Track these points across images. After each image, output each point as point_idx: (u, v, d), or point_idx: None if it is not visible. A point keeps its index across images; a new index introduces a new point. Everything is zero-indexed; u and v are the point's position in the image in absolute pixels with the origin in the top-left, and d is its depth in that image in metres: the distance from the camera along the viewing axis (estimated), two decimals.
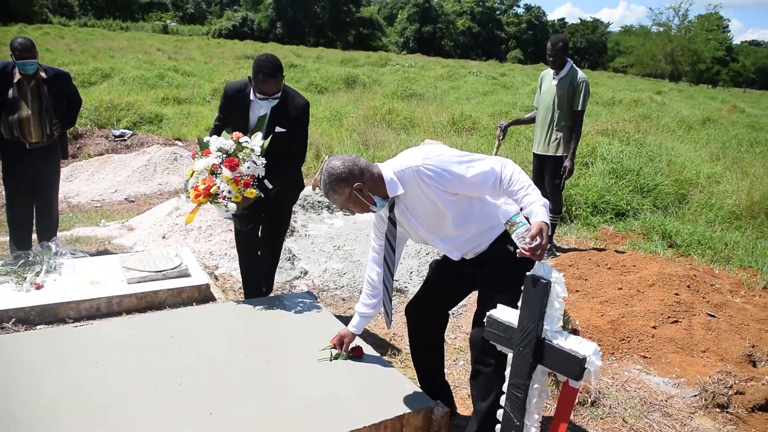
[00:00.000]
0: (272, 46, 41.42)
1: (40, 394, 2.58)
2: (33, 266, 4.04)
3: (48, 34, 34.31)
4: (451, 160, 2.51)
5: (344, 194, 2.56)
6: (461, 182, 2.49)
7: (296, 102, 3.64)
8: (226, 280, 4.70)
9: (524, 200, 2.38)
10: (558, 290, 2.11)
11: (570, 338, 2.15)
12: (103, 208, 7.11)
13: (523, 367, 2.23)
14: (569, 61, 5.58)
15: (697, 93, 32.79)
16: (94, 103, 11.26)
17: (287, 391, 2.72)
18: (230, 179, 3.28)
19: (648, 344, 4.04)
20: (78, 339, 3.11)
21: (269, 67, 3.44)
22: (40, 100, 4.51)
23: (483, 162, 2.50)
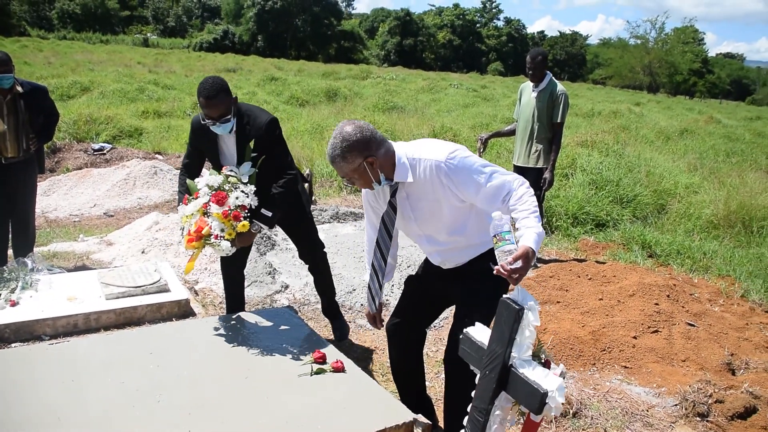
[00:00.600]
0: (253, 59, 41.45)
1: (14, 414, 2.53)
2: (8, 283, 3.98)
3: (26, 47, 34.05)
4: (474, 166, 2.43)
5: (353, 164, 2.45)
6: (476, 191, 2.43)
7: (258, 121, 3.40)
8: (206, 295, 4.66)
9: (523, 222, 2.31)
10: (530, 318, 2.04)
11: (537, 369, 2.06)
12: (81, 223, 7.03)
13: (486, 391, 2.16)
14: (548, 74, 5.64)
15: (674, 104, 33.24)
16: (73, 117, 11.17)
17: (267, 407, 2.69)
18: (220, 215, 3.07)
19: (629, 354, 4.06)
20: (54, 357, 3.06)
21: (207, 89, 3.19)
22: (16, 114, 4.47)
23: (503, 176, 2.42)
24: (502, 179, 2.40)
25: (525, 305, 2.03)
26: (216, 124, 3.27)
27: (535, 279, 5.33)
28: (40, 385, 2.78)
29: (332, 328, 4.17)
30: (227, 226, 3.07)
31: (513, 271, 2.12)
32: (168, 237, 5.69)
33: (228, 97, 3.24)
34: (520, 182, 2.41)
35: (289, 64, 37.79)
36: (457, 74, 46.29)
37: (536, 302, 2.05)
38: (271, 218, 3.37)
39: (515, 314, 2.01)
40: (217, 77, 3.28)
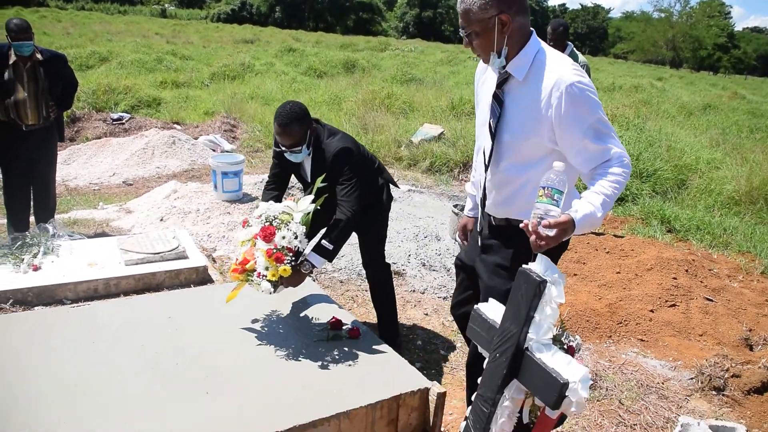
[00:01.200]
0: (271, 31, 41.23)
1: (37, 374, 2.58)
2: (30, 248, 4.03)
3: (45, 17, 34.10)
4: (594, 113, 2.08)
5: (485, 13, 2.09)
6: (577, 139, 2.08)
7: (328, 151, 3.15)
8: (224, 263, 4.70)
9: (590, 196, 2.00)
10: (554, 293, 1.77)
11: (558, 355, 1.78)
12: (101, 191, 7.10)
13: (494, 378, 1.87)
14: (570, 45, 5.55)
15: (698, 79, 32.68)
16: (92, 87, 11.21)
17: (284, 372, 2.72)
18: (264, 252, 2.79)
19: (645, 327, 4.05)
20: (75, 320, 3.10)
21: (281, 117, 3.02)
22: (36, 82, 4.49)
23: (613, 144, 2.09)
24: (610, 147, 2.08)
25: (548, 278, 1.77)
26: (289, 152, 3.14)
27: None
28: (62, 346, 2.82)
29: None
30: (271, 265, 2.79)
31: (541, 237, 1.85)
32: (186, 205, 5.73)
33: (301, 128, 3.05)
34: (622, 161, 2.07)
35: (307, 36, 37.54)
36: None
37: (562, 276, 1.80)
38: (332, 252, 3.07)
39: (536, 288, 1.76)
40: (296, 105, 3.07)
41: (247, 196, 6.06)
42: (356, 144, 3.30)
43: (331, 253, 3.05)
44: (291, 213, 2.91)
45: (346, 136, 3.25)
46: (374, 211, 3.52)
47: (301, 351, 2.91)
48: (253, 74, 15.95)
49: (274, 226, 2.83)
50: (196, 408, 2.42)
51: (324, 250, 3.02)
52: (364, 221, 3.42)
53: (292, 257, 2.82)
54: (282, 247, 2.80)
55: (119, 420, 2.31)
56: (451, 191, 7.66)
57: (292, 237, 2.81)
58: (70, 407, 2.38)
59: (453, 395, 3.28)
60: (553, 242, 1.86)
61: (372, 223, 3.54)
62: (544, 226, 1.84)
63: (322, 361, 2.82)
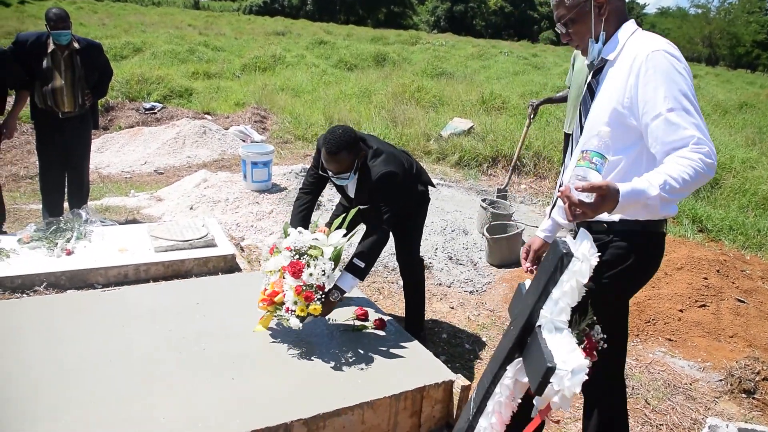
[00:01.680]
0: (302, 23, 41.34)
1: (67, 355, 2.64)
2: (64, 233, 4.11)
3: (81, 8, 34.59)
4: (678, 85, 1.84)
5: None
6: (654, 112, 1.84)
7: (372, 173, 3.05)
8: (252, 251, 4.74)
9: (652, 173, 1.74)
10: (579, 269, 1.61)
11: (565, 339, 1.63)
12: (132, 179, 7.20)
13: (501, 351, 1.79)
14: None
15: (734, 77, 31.99)
16: (126, 77, 11.37)
17: (309, 360, 2.74)
18: (293, 288, 2.74)
19: (674, 327, 4.00)
20: (106, 303, 3.16)
21: (330, 144, 2.93)
22: (73, 70, 4.56)
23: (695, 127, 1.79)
24: (690, 130, 1.79)
25: (577, 254, 1.63)
26: (334, 176, 3.08)
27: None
28: (93, 328, 2.88)
29: None
30: (300, 300, 2.74)
31: (574, 202, 1.65)
32: (216, 194, 5.79)
33: (350, 156, 2.97)
34: (701, 148, 1.76)
35: (338, 29, 37.57)
36: (508, 42, 45.37)
37: (596, 254, 1.67)
38: (364, 270, 3.00)
39: (558, 259, 1.62)
40: (346, 132, 2.98)
41: (276, 186, 6.10)
42: (399, 162, 3.19)
43: (363, 272, 3.00)
44: (320, 247, 2.84)
45: (390, 156, 3.13)
46: (412, 216, 3.52)
47: (326, 340, 2.93)
48: (283, 66, 16.02)
49: (303, 262, 2.77)
50: (221, 392, 2.45)
51: (356, 268, 2.97)
52: (401, 225, 3.41)
53: (322, 294, 2.78)
54: (311, 285, 2.75)
55: (146, 400, 2.36)
56: (480, 186, 7.62)
57: (320, 274, 2.76)
58: (100, 386, 2.43)
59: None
60: (591, 212, 1.63)
61: (409, 226, 3.53)
62: (577, 187, 1.63)
63: (347, 351, 2.84)
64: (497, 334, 3.94)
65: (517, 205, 6.70)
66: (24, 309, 3.06)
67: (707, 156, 1.75)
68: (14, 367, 2.52)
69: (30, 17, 23.53)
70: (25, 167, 7.17)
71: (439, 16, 69.50)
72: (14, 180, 6.76)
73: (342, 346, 2.88)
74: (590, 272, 1.63)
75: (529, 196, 7.39)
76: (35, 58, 4.43)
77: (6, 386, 2.39)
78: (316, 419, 2.36)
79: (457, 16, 68.69)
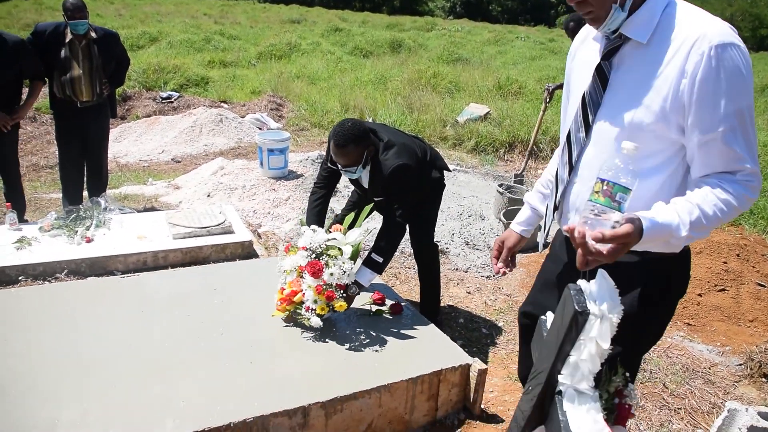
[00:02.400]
0: (318, 11, 41.21)
1: (88, 340, 2.68)
2: (84, 221, 4.17)
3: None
4: (748, 94, 1.47)
5: None
6: (713, 127, 1.45)
7: (385, 167, 3.03)
8: (269, 238, 4.77)
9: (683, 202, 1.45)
10: (599, 332, 1.36)
11: (591, 413, 1.40)
12: (150, 168, 7.26)
13: (520, 416, 1.58)
14: None
15: (757, 60, 31.31)
16: (143, 66, 11.42)
17: (327, 345, 2.76)
18: (314, 288, 2.77)
19: (693, 311, 3.97)
20: (125, 290, 3.20)
21: (338, 136, 2.92)
22: (90, 59, 4.59)
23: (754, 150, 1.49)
24: (743, 156, 1.46)
25: (593, 309, 1.37)
26: (342, 170, 3.09)
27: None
28: (113, 314, 2.92)
29: None
30: (321, 300, 2.76)
31: (591, 251, 1.34)
32: (232, 181, 5.82)
33: (357, 149, 2.96)
34: (750, 183, 1.48)
35: (353, 16, 37.41)
36: (524, 27, 44.91)
37: (619, 306, 1.38)
38: (382, 264, 3.02)
39: (572, 318, 1.37)
40: (355, 125, 2.97)
41: (292, 173, 6.11)
42: (412, 152, 3.16)
43: (381, 266, 3.01)
44: (339, 246, 2.85)
45: (401, 147, 3.10)
46: (428, 202, 3.51)
47: (343, 325, 2.95)
48: (299, 54, 16.01)
49: (322, 262, 2.78)
50: (239, 376, 2.47)
51: (375, 263, 2.99)
52: (416, 211, 3.40)
53: (342, 293, 2.82)
54: (332, 285, 2.77)
55: (165, 384, 2.39)
56: (496, 171, 7.59)
57: (341, 273, 2.78)
58: (120, 371, 2.46)
59: (494, 373, 3.28)
60: (607, 260, 1.34)
61: (424, 213, 3.52)
62: (594, 239, 1.32)
63: (364, 336, 2.85)
64: (513, 319, 3.94)
65: None
66: (46, 295, 3.11)
67: (752, 192, 1.48)
68: (37, 352, 2.57)
69: (47, 9, 23.66)
70: (45, 157, 7.25)
71: (454, 2, 68.96)
72: (35, 170, 6.85)
73: (359, 331, 2.90)
74: (613, 331, 1.37)
75: None
76: (53, 48, 4.47)
77: (29, 372, 2.43)
78: (333, 402, 2.38)
79: (473, 2, 68.10)
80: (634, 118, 1.55)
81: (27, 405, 2.23)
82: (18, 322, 2.80)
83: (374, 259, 2.98)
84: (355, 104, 9.85)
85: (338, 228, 2.99)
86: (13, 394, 2.29)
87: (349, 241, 2.89)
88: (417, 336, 2.90)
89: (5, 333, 2.70)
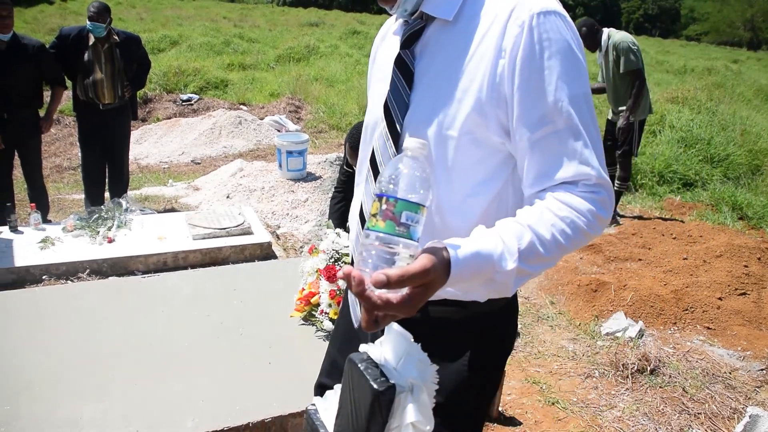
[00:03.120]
0: (336, 14, 41.35)
1: (110, 338, 2.72)
2: (105, 221, 4.22)
3: (120, 4, 35.03)
4: (585, 76, 1.10)
5: None
6: (543, 118, 1.06)
7: None
8: (288, 239, 4.80)
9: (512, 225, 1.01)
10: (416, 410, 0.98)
11: None
12: (170, 169, 7.33)
13: None
14: (603, 33, 5.38)
15: None
16: (163, 69, 11.54)
17: None
18: (328, 292, 2.77)
19: (713, 315, 3.93)
20: (146, 289, 3.25)
21: (353, 139, 2.90)
22: (112, 62, 4.66)
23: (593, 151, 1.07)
24: (589, 159, 1.07)
25: (400, 381, 0.99)
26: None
27: (617, 236, 5.21)
28: (133, 314, 2.96)
29: None
30: (334, 304, 2.76)
31: (375, 303, 0.89)
32: (251, 183, 5.86)
33: None
34: (599, 196, 1.07)
35: (371, 18, 37.48)
36: None
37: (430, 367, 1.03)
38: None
39: (372, 400, 0.98)
40: None
41: (311, 175, 6.14)
42: None
43: None
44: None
45: None
46: None
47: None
48: (317, 56, 16.07)
49: (337, 267, 2.80)
50: (258, 376, 2.50)
51: None
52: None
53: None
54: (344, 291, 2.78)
55: (185, 382, 2.42)
56: None
57: None
58: (141, 368, 2.50)
59: (511, 376, 3.28)
60: (404, 313, 0.91)
61: None
62: (376, 284, 0.86)
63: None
64: (532, 322, 3.94)
65: None
66: (69, 295, 3.16)
67: (602, 208, 1.08)
68: (61, 350, 2.61)
69: (71, 13, 24.01)
70: (68, 159, 7.36)
71: None
72: (58, 171, 6.95)
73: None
74: (432, 403, 1.02)
75: None
76: (77, 51, 4.55)
77: (54, 368, 2.47)
78: None
79: None
80: (445, 117, 1.12)
81: (51, 400, 2.27)
82: (42, 321, 2.85)
83: None
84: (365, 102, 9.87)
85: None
86: (38, 390, 2.33)
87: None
88: None
89: (30, 330, 2.75)
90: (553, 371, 3.39)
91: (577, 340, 3.73)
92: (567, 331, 3.85)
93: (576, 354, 3.57)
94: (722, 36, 56.25)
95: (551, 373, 3.36)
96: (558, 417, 2.96)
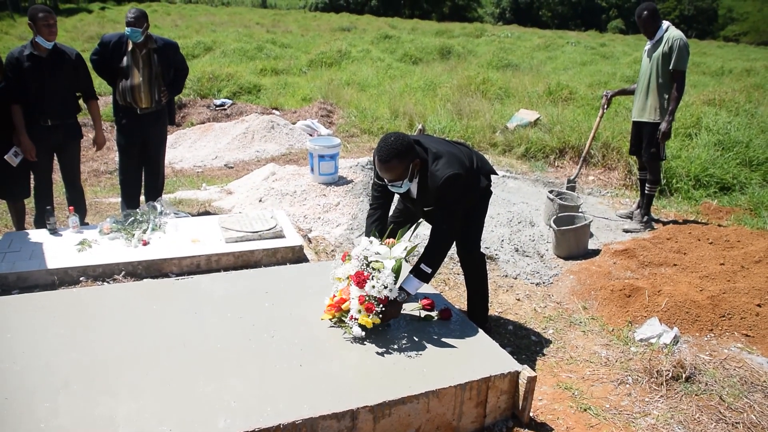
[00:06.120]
0: (367, 18, 41.50)
1: (144, 339, 2.77)
2: (140, 224, 4.30)
3: (156, 11, 35.80)
4: None
5: None
6: None
7: (435, 178, 2.99)
8: (319, 243, 4.82)
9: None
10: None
11: None
12: (204, 173, 7.44)
13: None
14: (662, 24, 5.30)
15: None
16: (197, 75, 11.72)
17: (376, 349, 2.78)
18: (357, 297, 2.83)
19: (751, 322, 3.84)
20: (179, 291, 3.29)
21: (382, 152, 2.90)
22: (150, 68, 4.75)
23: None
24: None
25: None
26: (389, 185, 3.08)
27: (651, 240, 5.12)
28: (168, 314, 3.01)
29: None
30: (363, 310, 2.81)
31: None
32: (283, 187, 5.91)
33: (402, 163, 2.93)
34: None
35: (402, 23, 37.58)
36: (575, 32, 44.26)
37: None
38: (430, 275, 3.03)
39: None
40: (398, 139, 2.93)
41: (342, 178, 6.17)
42: (461, 162, 3.11)
43: (429, 277, 3.02)
44: (382, 261, 2.90)
45: (451, 158, 3.06)
46: (475, 210, 3.47)
47: (392, 329, 2.96)
48: (349, 61, 16.17)
49: (366, 273, 2.84)
50: (289, 378, 2.52)
51: (422, 273, 2.99)
52: (463, 219, 3.38)
53: (383, 308, 2.84)
54: (373, 297, 2.81)
55: (217, 383, 2.45)
56: (546, 177, 7.51)
57: (382, 287, 2.82)
58: (174, 369, 2.54)
59: (543, 381, 3.25)
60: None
61: (470, 220, 3.49)
62: None
63: (413, 341, 2.86)
64: (564, 327, 3.89)
65: (585, 197, 6.57)
66: (105, 296, 3.22)
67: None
68: (97, 349, 2.66)
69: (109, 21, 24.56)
70: (105, 163, 7.51)
71: (504, 8, 68.48)
72: (95, 175, 7.10)
73: (408, 336, 2.91)
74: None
75: (597, 187, 7.23)
76: (117, 57, 4.66)
77: (90, 367, 2.53)
78: (381, 406, 2.39)
79: (523, 7, 67.48)
80: None
81: (88, 399, 2.32)
82: (79, 321, 2.91)
83: (423, 269, 2.98)
84: (404, 111, 9.89)
85: (390, 242, 3.01)
86: (75, 388, 2.38)
87: (394, 255, 2.92)
88: (466, 342, 2.89)
89: (68, 330, 2.81)
90: (586, 377, 3.35)
91: (610, 345, 3.68)
92: (600, 336, 3.80)
93: (609, 360, 3.52)
94: (762, 36, 54.86)
95: (583, 379, 3.32)
96: (590, 424, 2.92)
